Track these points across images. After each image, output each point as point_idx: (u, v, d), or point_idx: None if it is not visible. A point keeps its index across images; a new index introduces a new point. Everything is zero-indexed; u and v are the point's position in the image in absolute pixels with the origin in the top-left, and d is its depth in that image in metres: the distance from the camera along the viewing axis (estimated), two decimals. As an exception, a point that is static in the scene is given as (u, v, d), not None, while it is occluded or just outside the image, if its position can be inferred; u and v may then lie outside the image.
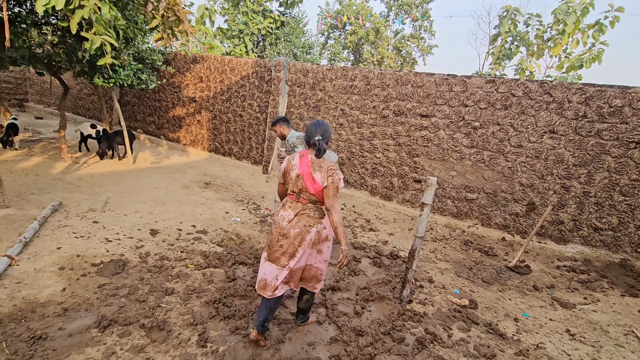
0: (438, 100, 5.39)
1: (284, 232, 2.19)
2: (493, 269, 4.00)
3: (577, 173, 4.53)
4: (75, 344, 2.08)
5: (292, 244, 2.16)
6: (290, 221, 2.19)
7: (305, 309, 2.50)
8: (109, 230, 3.60)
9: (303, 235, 2.16)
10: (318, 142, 2.16)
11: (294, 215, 2.19)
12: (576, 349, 2.65)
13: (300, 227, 2.16)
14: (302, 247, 2.17)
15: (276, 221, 2.26)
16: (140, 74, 6.64)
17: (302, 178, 2.17)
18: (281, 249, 2.18)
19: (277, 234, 2.21)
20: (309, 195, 2.19)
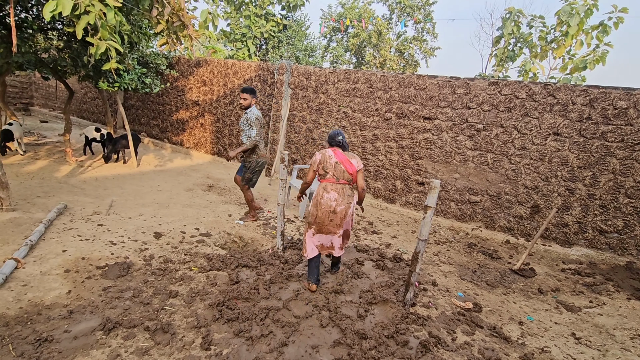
0: (441, 102, 5.39)
1: (332, 209, 2.97)
2: (497, 272, 3.98)
3: (582, 175, 4.51)
4: (81, 346, 2.09)
5: (340, 217, 2.98)
6: (336, 200, 2.96)
7: (337, 261, 3.43)
8: (113, 233, 3.63)
9: (346, 210, 3.00)
10: (342, 140, 3.09)
11: (338, 195, 2.97)
12: (582, 353, 2.63)
13: (344, 205, 2.98)
14: (346, 218, 3.02)
15: (323, 203, 2.99)
16: (145, 77, 6.70)
17: (341, 164, 2.97)
18: (332, 222, 3.00)
19: (327, 212, 2.98)
20: (347, 177, 2.98)
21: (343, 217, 2.98)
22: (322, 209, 2.98)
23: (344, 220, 3.00)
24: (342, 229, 3.03)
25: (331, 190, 2.97)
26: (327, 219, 2.98)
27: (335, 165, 2.97)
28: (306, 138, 6.89)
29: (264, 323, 2.56)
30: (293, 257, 3.67)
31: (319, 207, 3.00)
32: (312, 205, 3.07)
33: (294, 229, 4.60)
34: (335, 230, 3.02)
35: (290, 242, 4.12)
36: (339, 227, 3.01)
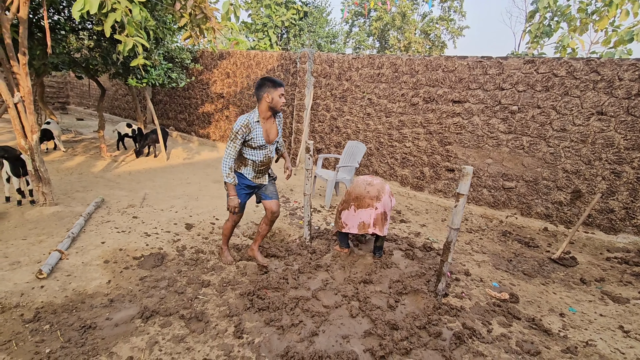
0: (471, 84, 5.13)
1: (368, 182, 3.28)
2: (535, 261, 3.79)
3: (630, 157, 4.16)
4: (122, 333, 2.19)
5: (377, 190, 3.21)
6: (371, 178, 3.34)
7: (380, 246, 3.46)
8: (147, 225, 3.76)
9: (383, 185, 3.27)
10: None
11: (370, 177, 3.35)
12: (631, 347, 2.45)
13: (381, 180, 3.31)
14: (384, 192, 3.21)
15: (358, 180, 3.36)
16: (171, 72, 6.84)
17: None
18: (368, 194, 3.19)
19: (364, 185, 3.26)
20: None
21: (381, 191, 3.21)
22: (358, 183, 3.32)
23: (382, 195, 3.19)
24: (379, 202, 3.17)
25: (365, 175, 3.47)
26: (365, 190, 3.23)
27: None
28: (330, 127, 6.81)
29: (294, 312, 2.57)
30: (321, 247, 3.67)
31: (355, 184, 3.33)
32: (347, 191, 3.41)
33: (320, 219, 4.59)
34: (372, 204, 3.17)
35: (318, 231, 4.11)
36: (376, 200, 3.17)
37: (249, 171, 2.92)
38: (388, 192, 3.29)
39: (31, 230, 3.34)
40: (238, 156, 2.88)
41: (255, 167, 2.91)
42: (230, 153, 2.71)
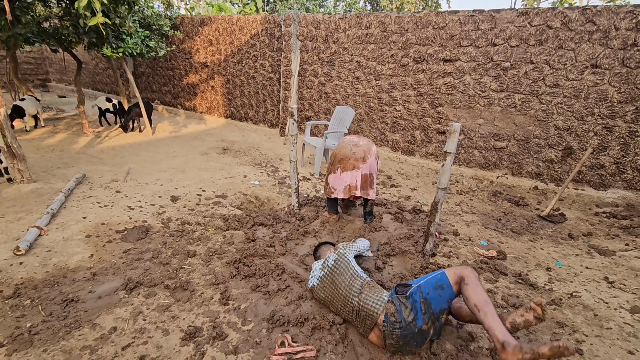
0: (463, 41, 4.90)
1: (355, 142, 3.16)
2: (524, 219, 3.80)
3: (623, 111, 4.07)
4: (105, 305, 2.17)
5: (364, 151, 3.10)
6: (359, 138, 3.21)
7: (370, 212, 3.37)
8: (131, 199, 3.68)
9: (370, 146, 3.15)
10: None
11: (357, 138, 3.22)
12: (615, 297, 2.49)
13: (366, 141, 3.17)
14: (370, 153, 3.10)
15: (345, 140, 3.24)
16: (149, 41, 6.49)
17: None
18: (354, 155, 3.10)
19: (350, 146, 3.15)
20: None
21: (367, 152, 3.10)
22: (344, 144, 3.21)
23: (368, 156, 3.09)
24: (365, 164, 3.09)
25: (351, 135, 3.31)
26: (350, 151, 3.13)
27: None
28: (319, 93, 6.59)
29: (281, 278, 2.56)
30: (309, 214, 3.63)
31: (341, 145, 3.23)
32: (332, 152, 3.31)
33: (309, 187, 4.53)
34: (357, 165, 3.10)
35: (307, 199, 4.06)
36: (362, 161, 3.09)
37: None
38: (375, 154, 3.17)
39: (9, 208, 3.25)
40: None
41: None
42: None
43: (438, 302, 1.79)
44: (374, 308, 1.87)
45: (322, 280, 2.19)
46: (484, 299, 1.68)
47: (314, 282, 2.24)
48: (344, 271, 2.12)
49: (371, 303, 1.90)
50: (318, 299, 2.25)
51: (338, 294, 2.07)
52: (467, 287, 1.74)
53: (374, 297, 1.92)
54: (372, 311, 1.87)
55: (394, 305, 1.82)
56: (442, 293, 1.79)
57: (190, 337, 1.97)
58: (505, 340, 1.52)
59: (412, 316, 1.75)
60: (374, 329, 1.89)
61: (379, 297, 1.91)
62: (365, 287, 2.02)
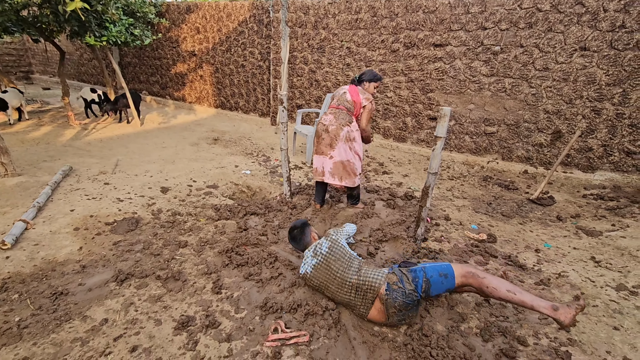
0: (453, 25, 4.86)
1: (325, 127, 3.09)
2: (514, 203, 3.84)
3: (611, 93, 4.10)
4: (95, 297, 2.15)
5: (331, 137, 3.06)
6: (330, 121, 3.08)
7: (351, 194, 3.38)
8: (120, 191, 3.63)
9: (337, 131, 3.04)
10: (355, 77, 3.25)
11: (333, 117, 3.08)
12: (601, 275, 2.55)
13: (336, 125, 3.05)
14: (338, 140, 3.05)
15: (320, 122, 3.17)
16: (133, 29, 6.31)
17: (348, 93, 3.11)
18: (324, 141, 3.10)
19: (321, 130, 3.11)
20: (347, 104, 3.08)
21: (334, 138, 3.05)
22: (319, 126, 3.18)
23: (336, 143, 3.06)
24: (333, 151, 3.09)
25: (329, 114, 3.15)
26: (320, 137, 3.13)
27: (342, 94, 3.15)
28: (309, 80, 6.52)
29: (274, 266, 2.56)
30: (301, 202, 3.62)
31: (317, 125, 3.23)
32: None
33: (301, 175, 4.51)
34: (326, 151, 3.11)
35: (299, 187, 4.05)
36: (330, 147, 3.09)
37: None
38: (343, 138, 3.05)
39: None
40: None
41: None
42: None
43: (437, 288, 1.87)
44: (376, 279, 1.93)
45: (316, 268, 2.19)
46: (508, 283, 1.83)
47: (307, 269, 2.24)
48: (339, 257, 2.13)
49: (372, 276, 1.96)
50: (311, 286, 2.26)
51: (334, 278, 2.09)
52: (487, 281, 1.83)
53: (374, 271, 1.99)
54: (374, 283, 1.93)
55: (396, 275, 1.92)
56: (445, 281, 1.86)
57: (183, 327, 1.96)
58: (552, 304, 1.73)
59: (412, 286, 1.85)
60: (375, 302, 1.94)
61: (379, 271, 1.98)
62: (364, 265, 2.09)
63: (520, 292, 1.79)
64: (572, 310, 1.71)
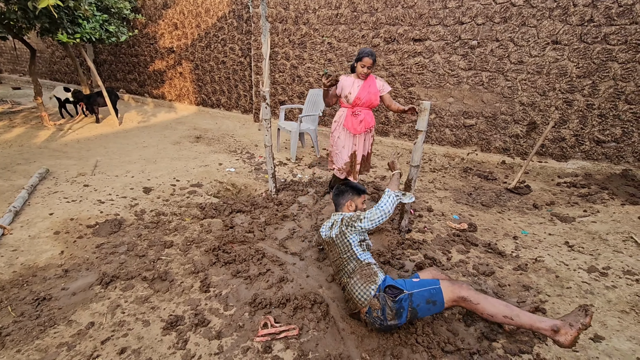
0: (432, 20, 4.94)
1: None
2: (492, 193, 3.98)
3: (581, 85, 4.28)
4: (80, 301, 2.12)
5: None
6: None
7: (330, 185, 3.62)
8: (100, 192, 3.55)
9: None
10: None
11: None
12: (574, 259, 2.69)
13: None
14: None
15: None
16: (108, 25, 6.12)
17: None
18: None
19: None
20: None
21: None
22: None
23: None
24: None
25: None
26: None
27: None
28: (292, 76, 6.50)
29: (262, 262, 2.58)
30: (287, 199, 3.64)
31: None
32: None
33: (286, 171, 4.52)
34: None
35: (284, 184, 4.06)
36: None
37: None
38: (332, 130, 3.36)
39: (-33, 209, 3.06)
40: None
41: None
42: None
43: (425, 313, 1.79)
44: (359, 299, 1.87)
45: (325, 241, 2.24)
46: (504, 306, 1.73)
47: (322, 234, 2.29)
48: (341, 250, 2.06)
49: (358, 293, 1.88)
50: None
51: (333, 261, 2.13)
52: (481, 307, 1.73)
53: (361, 288, 1.89)
54: (357, 301, 1.89)
55: (379, 302, 1.79)
56: (432, 308, 1.77)
57: (172, 326, 1.96)
58: (553, 325, 1.65)
59: (395, 320, 1.77)
60: (357, 313, 1.95)
61: (366, 290, 1.87)
62: (357, 272, 1.95)
63: (517, 316, 1.70)
64: (574, 331, 1.61)
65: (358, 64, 3.01)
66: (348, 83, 3.10)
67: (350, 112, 3.14)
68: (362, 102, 3.09)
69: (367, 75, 3.03)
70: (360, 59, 2.97)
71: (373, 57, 2.96)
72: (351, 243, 2.05)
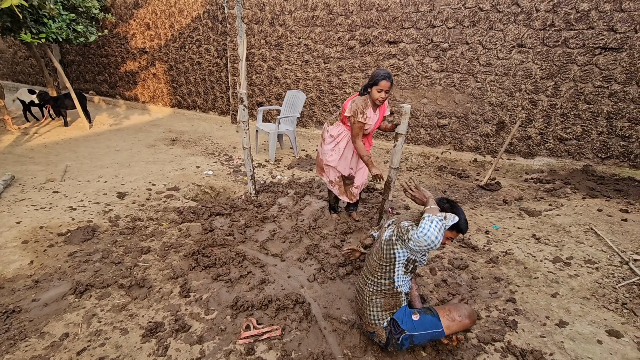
0: (405, 23, 5.07)
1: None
2: (466, 190, 4.14)
3: (545, 86, 4.53)
4: (53, 312, 2.05)
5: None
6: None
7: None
8: (72, 199, 3.42)
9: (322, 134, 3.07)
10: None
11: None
12: (541, 250, 2.85)
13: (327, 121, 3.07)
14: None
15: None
16: (76, 25, 5.88)
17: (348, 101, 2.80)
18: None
19: None
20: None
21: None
22: None
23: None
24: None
25: None
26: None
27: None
28: (269, 78, 6.48)
29: (242, 265, 2.58)
30: (267, 200, 3.64)
31: None
32: None
33: (265, 173, 4.52)
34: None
35: (263, 185, 4.06)
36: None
37: None
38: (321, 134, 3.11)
39: None
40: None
41: None
42: None
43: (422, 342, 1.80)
44: (370, 320, 1.82)
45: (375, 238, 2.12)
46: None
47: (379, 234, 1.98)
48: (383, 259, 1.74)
49: (371, 314, 1.81)
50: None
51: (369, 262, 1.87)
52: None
53: (378, 313, 1.79)
54: (367, 320, 1.83)
55: (385, 333, 1.77)
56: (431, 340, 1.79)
57: (152, 333, 1.94)
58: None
59: (394, 349, 1.81)
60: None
61: (381, 317, 1.79)
62: (384, 294, 1.78)
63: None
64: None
65: (374, 88, 2.57)
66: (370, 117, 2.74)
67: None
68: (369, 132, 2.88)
69: (384, 100, 2.62)
70: (377, 83, 2.54)
71: (391, 80, 2.54)
72: (396, 257, 1.70)
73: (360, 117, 2.66)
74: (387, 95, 2.60)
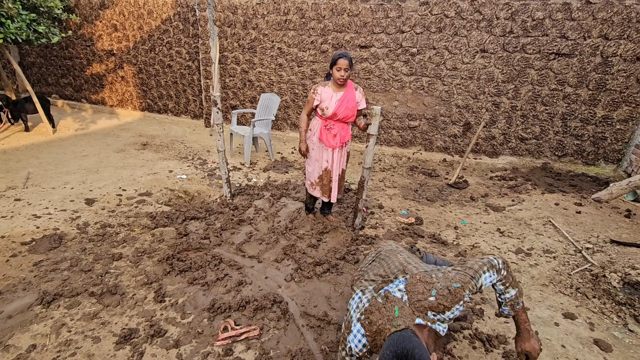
0: (375, 28, 5.23)
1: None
2: (436, 188, 4.31)
3: (506, 89, 4.81)
4: (18, 323, 1.96)
5: None
6: None
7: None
8: (35, 207, 3.27)
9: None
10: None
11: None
12: (505, 243, 3.03)
13: None
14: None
15: None
16: (37, 25, 5.62)
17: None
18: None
19: None
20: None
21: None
22: None
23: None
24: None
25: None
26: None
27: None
28: (242, 81, 6.46)
29: (219, 268, 2.58)
30: (243, 203, 3.64)
31: None
32: None
33: (241, 176, 4.50)
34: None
35: (239, 188, 4.05)
36: None
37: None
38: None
39: None
40: None
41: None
42: None
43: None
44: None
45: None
46: None
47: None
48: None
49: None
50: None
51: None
52: None
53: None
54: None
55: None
56: None
57: (126, 340, 1.90)
58: None
59: None
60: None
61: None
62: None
63: None
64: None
65: (334, 68, 2.70)
66: (326, 96, 2.80)
67: (324, 125, 2.88)
68: (338, 118, 2.84)
69: (345, 79, 2.72)
70: (335, 62, 2.67)
71: (348, 58, 2.65)
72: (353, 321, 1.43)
73: (311, 93, 2.88)
74: (347, 74, 2.70)
